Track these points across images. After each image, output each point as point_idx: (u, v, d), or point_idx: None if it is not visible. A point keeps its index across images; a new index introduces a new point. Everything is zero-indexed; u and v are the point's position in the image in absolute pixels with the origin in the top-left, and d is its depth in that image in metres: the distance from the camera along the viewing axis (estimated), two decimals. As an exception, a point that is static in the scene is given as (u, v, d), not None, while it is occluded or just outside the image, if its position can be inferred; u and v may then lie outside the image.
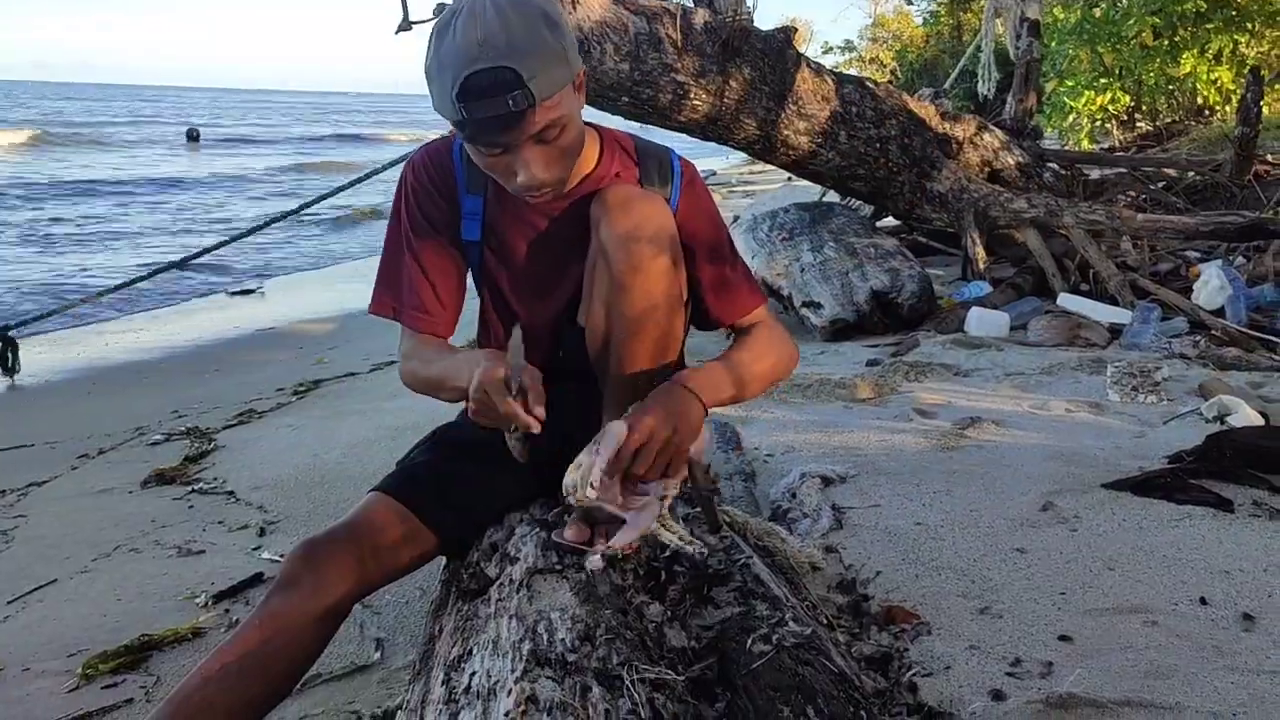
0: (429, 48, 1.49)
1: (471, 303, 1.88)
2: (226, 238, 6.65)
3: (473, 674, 1.35)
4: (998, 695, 1.66)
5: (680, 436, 1.57)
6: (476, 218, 1.77)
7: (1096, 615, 1.93)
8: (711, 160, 22.01)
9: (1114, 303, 5.00)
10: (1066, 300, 5.07)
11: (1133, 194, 6.99)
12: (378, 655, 2.11)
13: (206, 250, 6.65)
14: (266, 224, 6.71)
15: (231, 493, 3.27)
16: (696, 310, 1.84)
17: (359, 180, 6.56)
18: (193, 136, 30.97)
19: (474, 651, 1.42)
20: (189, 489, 3.36)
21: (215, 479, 3.44)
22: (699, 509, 2.05)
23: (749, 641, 1.48)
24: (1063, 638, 1.85)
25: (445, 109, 1.47)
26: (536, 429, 1.50)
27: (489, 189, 1.74)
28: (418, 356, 1.78)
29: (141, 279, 6.77)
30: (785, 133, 5.45)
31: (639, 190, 1.71)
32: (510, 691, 1.25)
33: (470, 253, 1.81)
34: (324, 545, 1.63)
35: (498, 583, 1.64)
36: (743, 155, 6.80)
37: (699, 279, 1.79)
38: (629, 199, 1.66)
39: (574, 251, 1.75)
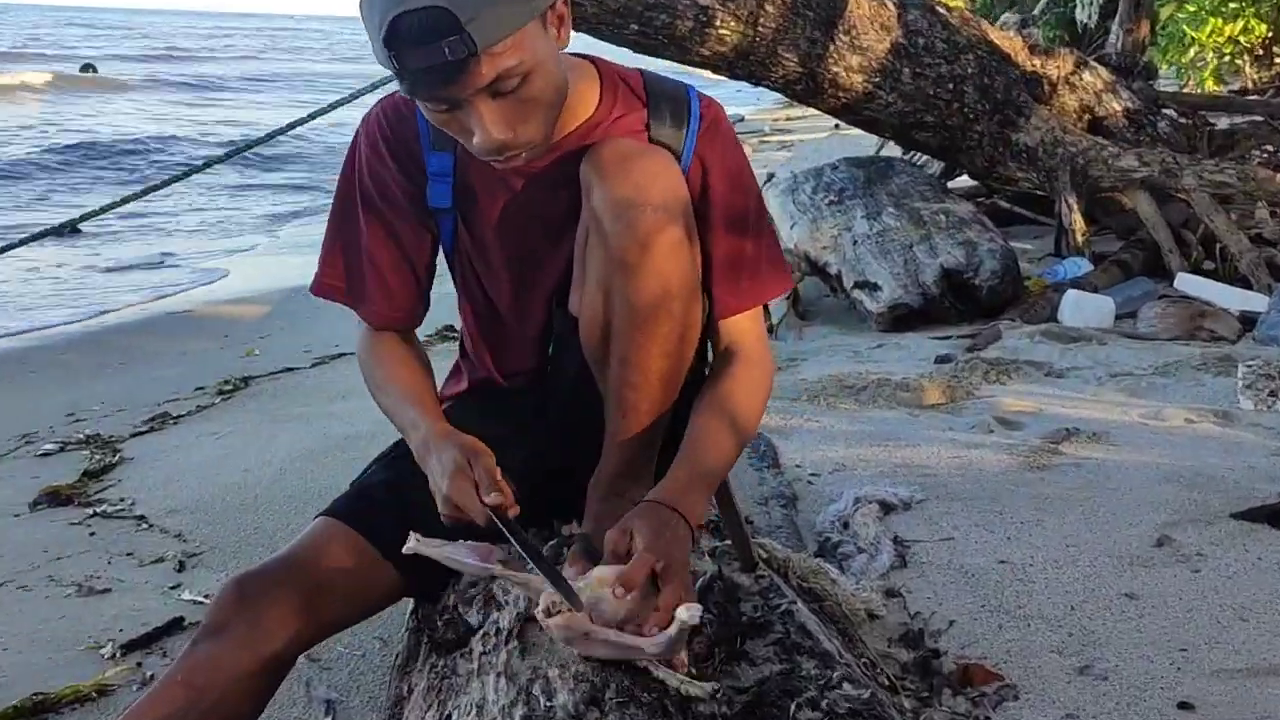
0: None
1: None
2: (133, 193, 6.56)
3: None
4: (1102, 776, 1.68)
5: (673, 561, 1.57)
6: (446, 179, 1.78)
7: (1225, 677, 1.95)
8: (738, 104, 21.99)
9: (1246, 285, 5.00)
10: (1186, 282, 5.08)
11: (1270, 149, 6.98)
12: (328, 721, 2.13)
13: (104, 209, 6.52)
14: (184, 175, 6.57)
15: (142, 517, 3.29)
16: None
17: (297, 124, 6.48)
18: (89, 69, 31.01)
19: (453, 718, 1.44)
20: (89, 512, 3.38)
21: (122, 500, 3.46)
22: (729, 541, 2.07)
23: (793, 707, 1.50)
24: (1183, 705, 1.87)
25: (379, 56, 1.49)
26: (516, 511, 1.60)
27: (460, 144, 1.72)
28: (372, 358, 1.86)
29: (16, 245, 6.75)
30: (834, 70, 5.46)
31: (639, 144, 1.72)
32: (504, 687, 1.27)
33: (441, 222, 1.83)
34: (260, 583, 1.65)
35: (481, 632, 1.65)
36: (778, 97, 6.80)
37: (709, 254, 1.78)
38: (627, 155, 1.66)
39: (567, 219, 1.77)
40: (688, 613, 1.48)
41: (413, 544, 1.64)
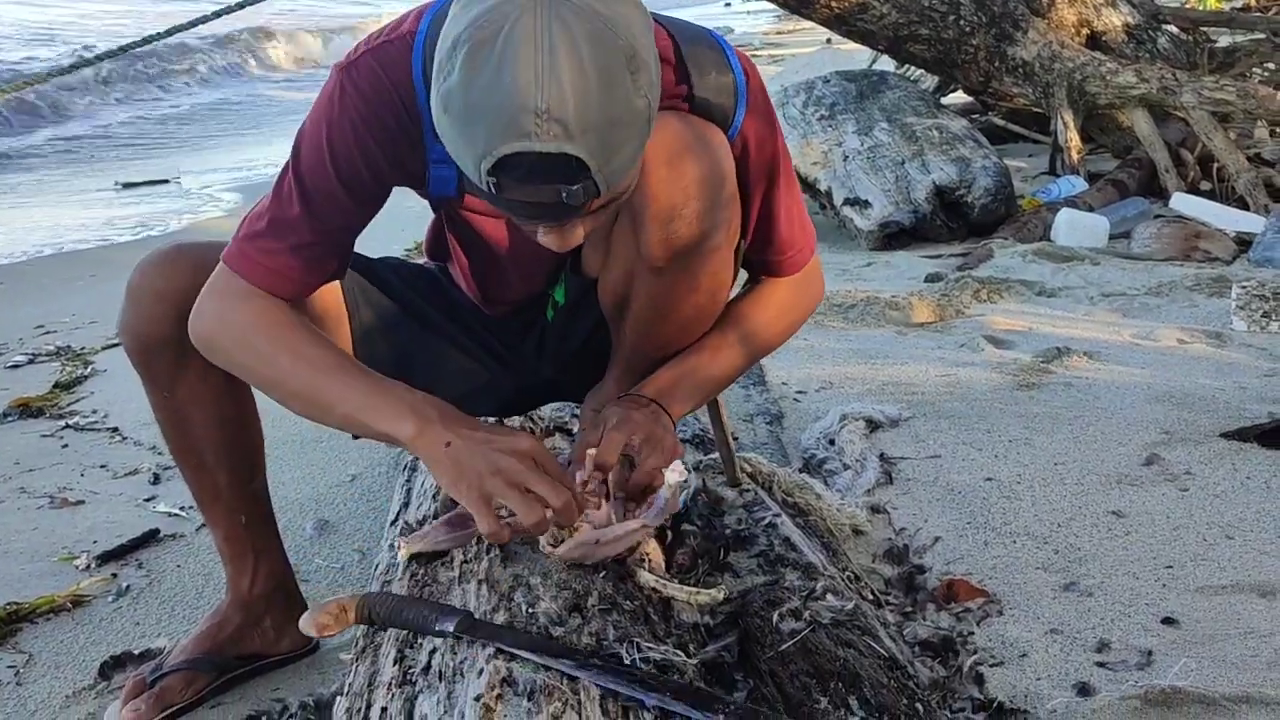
0: (449, 55, 1.28)
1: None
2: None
3: (433, 650, 1.38)
4: (1084, 689, 1.71)
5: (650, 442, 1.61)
6: (451, 166, 1.56)
7: (1210, 594, 1.98)
8: (728, 17, 21.72)
9: (1243, 206, 5.00)
10: (1182, 202, 5.07)
11: (1272, 67, 6.94)
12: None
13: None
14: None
15: (115, 429, 3.30)
16: None
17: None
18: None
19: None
20: (61, 424, 3.39)
21: (94, 412, 3.47)
22: (713, 455, 2.09)
23: (776, 617, 1.52)
24: (1167, 620, 1.90)
25: (464, 163, 1.32)
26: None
27: None
28: (278, 327, 1.59)
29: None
30: (828, -21, 5.40)
31: (696, 133, 1.56)
32: (481, 672, 1.28)
33: (437, 203, 1.74)
34: None
35: (462, 541, 1.67)
36: (769, 8, 6.72)
37: (745, 221, 1.72)
38: (681, 151, 1.53)
39: None
40: (674, 473, 1.51)
41: (405, 552, 1.64)
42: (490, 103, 1.24)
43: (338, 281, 1.76)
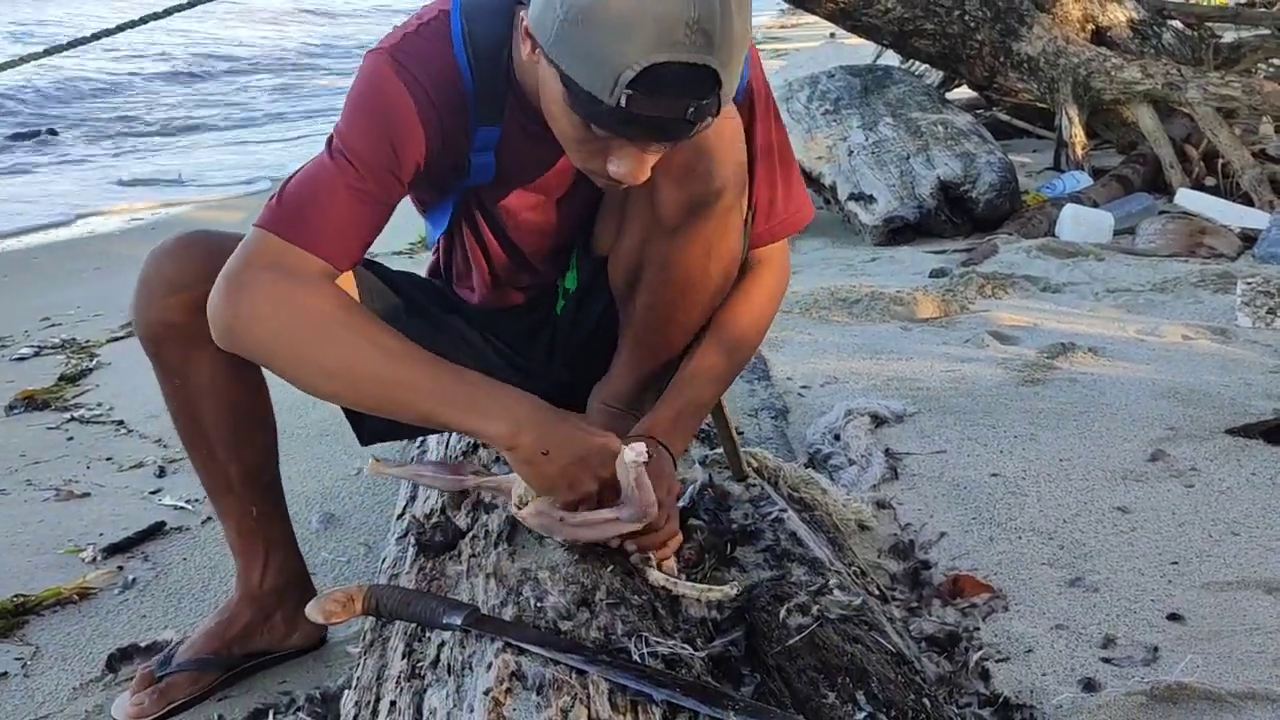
0: None
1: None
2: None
3: (441, 644, 1.39)
4: (1090, 685, 1.71)
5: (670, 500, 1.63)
6: (489, 153, 1.63)
7: (1215, 590, 1.98)
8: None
9: (1248, 202, 5.00)
10: (1187, 198, 5.07)
11: (1277, 62, 6.94)
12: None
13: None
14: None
15: (121, 422, 3.30)
16: None
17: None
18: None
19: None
20: (67, 416, 3.39)
21: (99, 404, 3.47)
22: (719, 450, 2.09)
23: (783, 612, 1.52)
24: (1172, 616, 1.90)
25: (594, 78, 1.29)
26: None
27: (508, 113, 1.61)
28: (343, 308, 1.51)
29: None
30: (833, -27, 5.40)
31: None
32: (490, 666, 1.29)
33: (463, 192, 1.74)
34: None
35: (470, 535, 1.67)
36: (773, 2, 6.70)
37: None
38: None
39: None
40: (631, 452, 1.46)
41: (375, 467, 1.65)
42: (647, 11, 1.24)
43: (351, 275, 1.75)
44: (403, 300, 1.87)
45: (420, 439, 2.37)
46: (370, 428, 1.90)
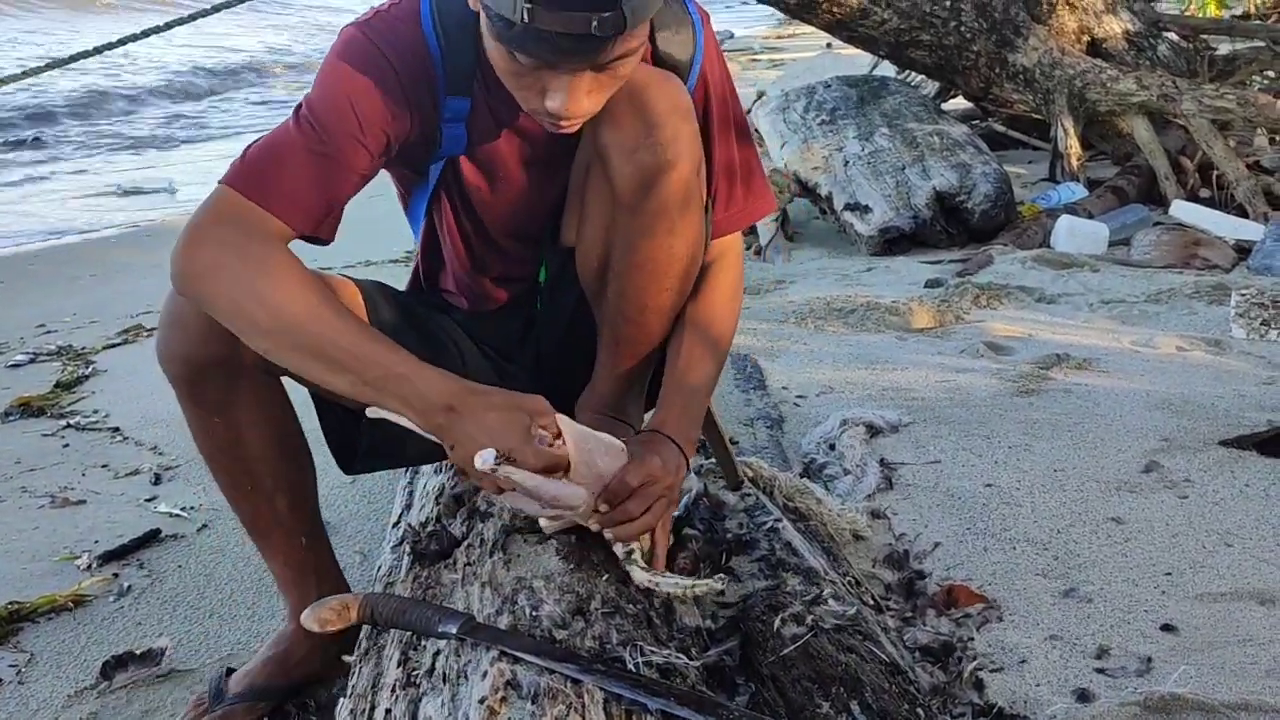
0: None
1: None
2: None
3: (437, 653, 1.39)
4: (1083, 695, 1.72)
5: (672, 494, 1.64)
6: (459, 124, 1.68)
7: (1209, 601, 1.98)
8: (728, 20, 21.70)
9: (1243, 214, 5.01)
10: (1182, 210, 5.08)
11: (1272, 75, 6.96)
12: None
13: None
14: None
15: (117, 429, 3.30)
16: None
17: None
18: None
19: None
20: (63, 423, 3.39)
21: (95, 411, 3.47)
22: (714, 460, 2.10)
23: (778, 622, 1.53)
24: (1165, 627, 1.90)
25: (499, 2, 1.35)
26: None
27: (476, 87, 1.66)
28: (287, 271, 1.51)
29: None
30: (829, -16, 5.41)
31: (648, 73, 1.64)
32: (485, 674, 1.29)
33: (436, 167, 1.75)
34: None
35: (465, 544, 1.67)
36: (769, 12, 6.73)
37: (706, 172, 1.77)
38: (637, 89, 1.60)
39: (569, 154, 1.75)
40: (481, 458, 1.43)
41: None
42: None
43: (353, 283, 1.78)
44: (402, 310, 1.88)
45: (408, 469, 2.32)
46: (362, 457, 1.88)
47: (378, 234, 4.97)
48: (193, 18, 4.97)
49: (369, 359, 1.48)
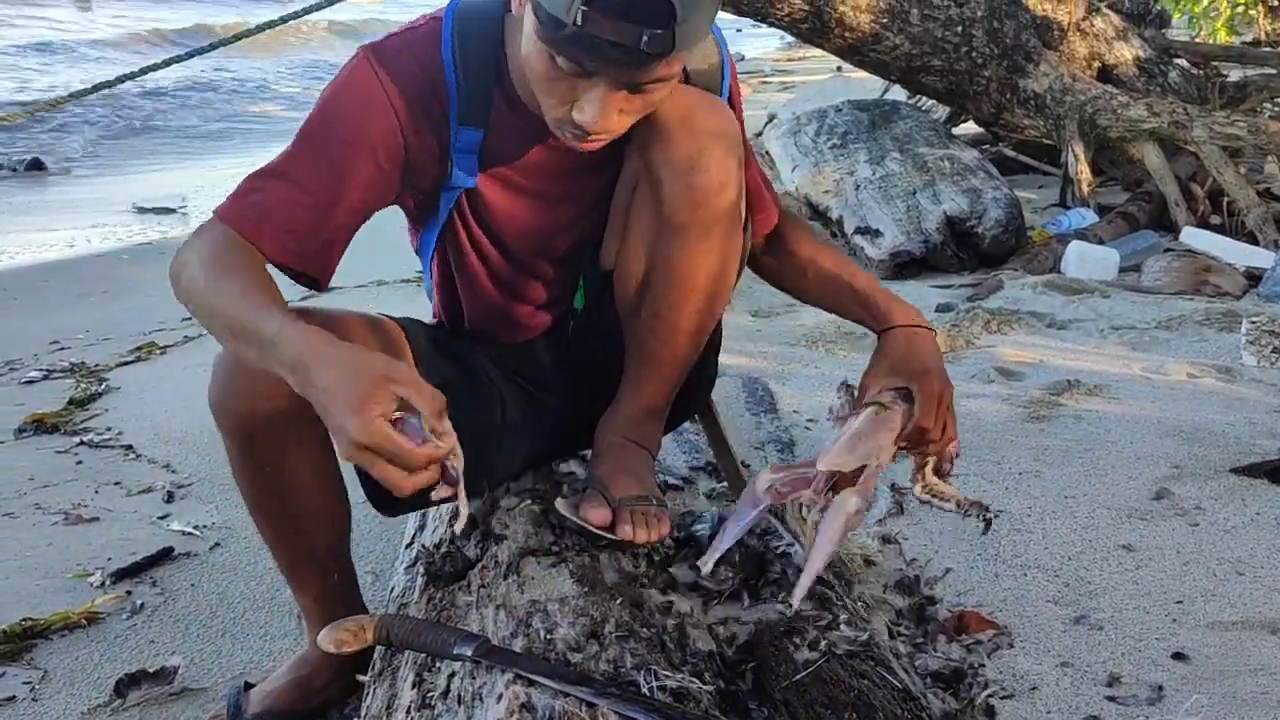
0: None
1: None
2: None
3: (452, 675, 1.39)
4: (1095, 723, 1.72)
5: (948, 387, 1.79)
6: (471, 156, 1.67)
7: (1220, 630, 1.98)
8: (739, 43, 21.80)
9: (1253, 241, 5.02)
10: (1192, 236, 5.09)
11: (1282, 102, 6.97)
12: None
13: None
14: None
15: (130, 447, 3.31)
16: None
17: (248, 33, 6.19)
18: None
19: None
20: (76, 440, 3.40)
21: (109, 429, 3.48)
22: (725, 484, 2.10)
23: (791, 646, 1.53)
24: (1177, 656, 1.91)
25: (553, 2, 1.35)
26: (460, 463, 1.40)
27: (494, 112, 1.65)
28: (223, 268, 1.52)
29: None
30: (842, 9, 5.43)
31: (698, 95, 1.66)
32: (500, 697, 1.29)
33: (447, 198, 1.74)
34: None
35: (480, 566, 1.68)
36: (780, 35, 6.75)
37: None
38: (689, 111, 1.62)
39: (598, 175, 1.76)
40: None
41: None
42: None
43: (395, 323, 1.78)
44: (438, 346, 1.85)
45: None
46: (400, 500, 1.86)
47: (389, 254, 4.98)
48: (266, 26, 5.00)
49: (252, 328, 1.43)
